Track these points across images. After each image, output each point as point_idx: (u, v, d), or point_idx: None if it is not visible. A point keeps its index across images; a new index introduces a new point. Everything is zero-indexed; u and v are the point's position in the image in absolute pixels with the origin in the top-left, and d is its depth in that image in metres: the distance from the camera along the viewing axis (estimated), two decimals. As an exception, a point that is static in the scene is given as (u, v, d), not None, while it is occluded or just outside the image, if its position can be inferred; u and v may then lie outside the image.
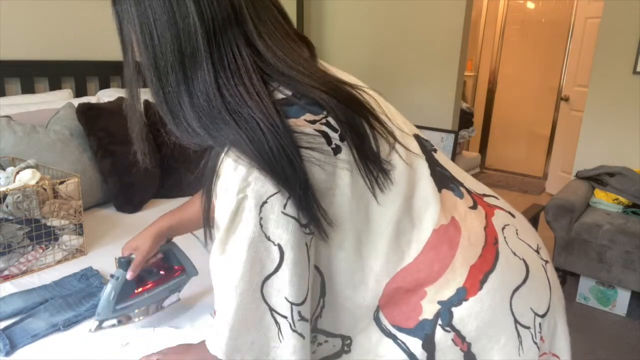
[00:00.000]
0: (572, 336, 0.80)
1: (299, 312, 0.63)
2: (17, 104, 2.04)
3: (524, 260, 0.74)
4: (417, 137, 0.79)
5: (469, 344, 0.67)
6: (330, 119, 0.64)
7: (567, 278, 2.56)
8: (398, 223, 0.68)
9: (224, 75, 0.62)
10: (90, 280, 1.32)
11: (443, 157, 0.81)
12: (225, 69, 0.62)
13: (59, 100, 2.15)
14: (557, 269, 2.51)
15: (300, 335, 0.63)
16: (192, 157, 2.17)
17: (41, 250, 1.42)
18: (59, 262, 1.45)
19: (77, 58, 2.41)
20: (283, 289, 0.62)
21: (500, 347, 0.68)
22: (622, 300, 2.44)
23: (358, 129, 0.66)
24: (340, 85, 0.68)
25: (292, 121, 0.62)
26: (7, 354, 1.03)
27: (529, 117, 5.03)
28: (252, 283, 0.61)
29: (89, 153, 1.91)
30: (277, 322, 0.63)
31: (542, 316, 0.72)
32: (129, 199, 1.92)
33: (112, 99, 2.17)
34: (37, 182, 1.48)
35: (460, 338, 0.67)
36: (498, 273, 0.70)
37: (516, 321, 0.69)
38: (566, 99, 4.19)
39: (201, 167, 0.69)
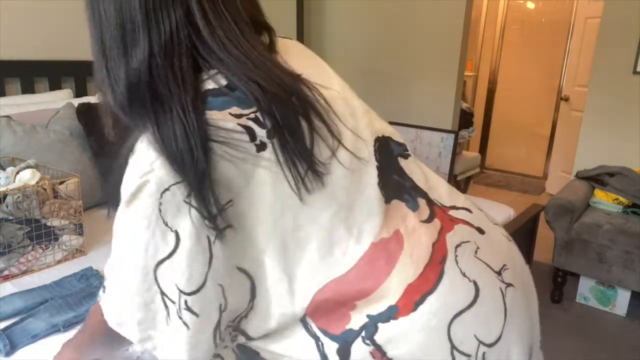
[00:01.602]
0: (572, 336, 0.79)
1: (186, 302, 0.61)
2: (17, 104, 2.04)
3: (475, 282, 0.66)
4: (383, 140, 0.73)
5: None
6: (259, 115, 0.62)
7: (567, 278, 2.56)
8: (331, 232, 0.64)
9: (158, 56, 0.62)
10: (90, 280, 1.32)
11: (412, 164, 0.76)
12: (160, 48, 0.62)
13: (59, 100, 2.15)
14: (557, 269, 2.51)
15: (185, 324, 0.61)
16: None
17: (41, 250, 1.42)
18: (59, 262, 1.45)
19: (77, 58, 2.41)
20: (174, 276, 0.60)
21: None
22: (622, 300, 2.44)
23: (291, 127, 0.63)
24: (284, 78, 0.65)
25: (212, 113, 0.61)
26: (7, 354, 1.03)
27: (529, 117, 5.03)
28: (147, 263, 0.61)
29: (89, 153, 1.91)
30: (166, 306, 0.61)
31: (490, 345, 0.65)
32: (129, 199, 1.92)
33: (112, 99, 2.17)
34: (37, 182, 1.48)
35: (380, 353, 0.62)
36: (439, 295, 0.64)
37: (454, 347, 0.63)
38: (566, 99, 4.19)
39: (123, 148, 0.67)
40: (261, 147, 0.61)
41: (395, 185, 0.71)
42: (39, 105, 2.07)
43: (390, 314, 0.63)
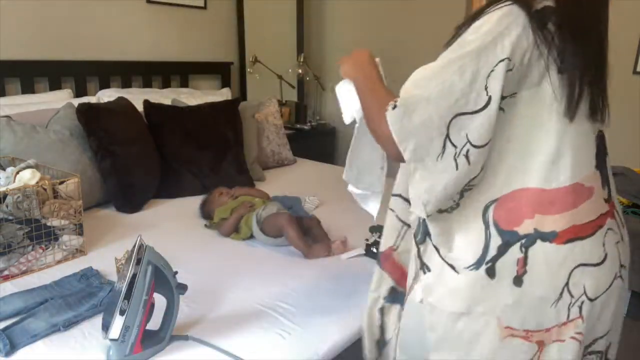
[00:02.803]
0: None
1: (468, 151, 0.75)
2: (17, 104, 2.04)
3: (606, 255, 0.83)
4: (601, 135, 0.87)
5: (525, 272, 0.79)
6: None
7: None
8: (564, 155, 0.79)
9: None
10: (90, 280, 1.32)
11: (609, 165, 0.90)
12: None
13: (59, 100, 2.15)
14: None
15: (457, 166, 0.76)
16: (192, 156, 2.18)
17: (41, 250, 1.42)
18: (59, 262, 1.45)
19: (77, 58, 2.41)
20: (470, 130, 0.75)
21: (543, 290, 0.80)
22: (622, 300, 2.44)
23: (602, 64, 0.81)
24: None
25: None
26: (7, 354, 1.03)
27: (529, 117, 5.02)
28: (449, 110, 0.74)
29: (89, 153, 1.91)
30: (444, 147, 0.76)
31: (590, 299, 0.81)
32: (129, 199, 1.92)
33: (112, 99, 2.17)
34: (37, 182, 1.48)
35: (523, 262, 0.79)
36: (582, 244, 0.80)
37: (567, 284, 0.80)
38: (566, 99, 4.19)
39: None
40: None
41: (601, 166, 0.86)
42: (39, 105, 2.07)
43: (550, 237, 0.79)
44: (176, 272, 1.10)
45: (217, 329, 1.15)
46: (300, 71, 3.52)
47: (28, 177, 1.48)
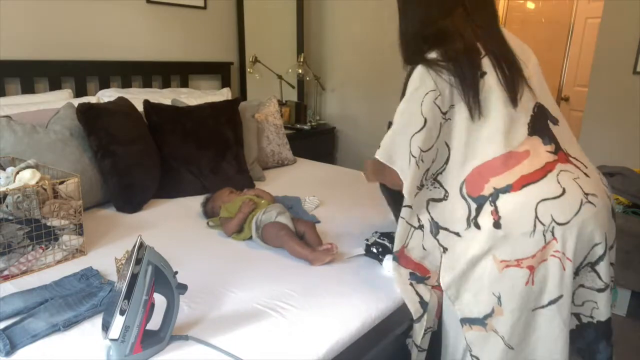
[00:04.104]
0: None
1: (421, 156, 1.15)
2: (17, 104, 2.04)
3: (564, 189, 1.10)
4: (541, 107, 1.20)
5: (499, 218, 1.10)
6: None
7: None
8: (494, 136, 1.14)
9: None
10: (90, 280, 1.32)
11: (559, 129, 1.20)
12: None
13: (59, 100, 2.15)
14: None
15: (417, 165, 1.15)
16: (192, 156, 2.18)
17: (41, 250, 1.42)
18: (59, 262, 1.45)
19: (77, 58, 2.41)
20: (418, 141, 1.14)
21: (519, 226, 1.09)
22: (622, 300, 2.44)
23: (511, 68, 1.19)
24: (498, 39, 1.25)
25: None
26: (7, 354, 1.03)
27: (529, 117, 5.01)
28: (405, 132, 1.15)
29: (89, 153, 1.91)
30: (409, 158, 1.15)
31: (559, 224, 1.08)
32: (129, 199, 1.92)
33: (112, 99, 2.17)
34: (37, 182, 1.48)
35: (495, 212, 1.11)
36: (537, 185, 1.10)
37: (537, 217, 1.08)
38: (566, 99, 4.19)
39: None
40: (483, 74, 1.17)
41: (540, 130, 1.17)
42: (39, 105, 2.07)
43: (507, 189, 1.11)
44: (176, 272, 1.10)
45: (217, 329, 1.15)
46: (300, 71, 3.52)
47: (28, 177, 1.48)
